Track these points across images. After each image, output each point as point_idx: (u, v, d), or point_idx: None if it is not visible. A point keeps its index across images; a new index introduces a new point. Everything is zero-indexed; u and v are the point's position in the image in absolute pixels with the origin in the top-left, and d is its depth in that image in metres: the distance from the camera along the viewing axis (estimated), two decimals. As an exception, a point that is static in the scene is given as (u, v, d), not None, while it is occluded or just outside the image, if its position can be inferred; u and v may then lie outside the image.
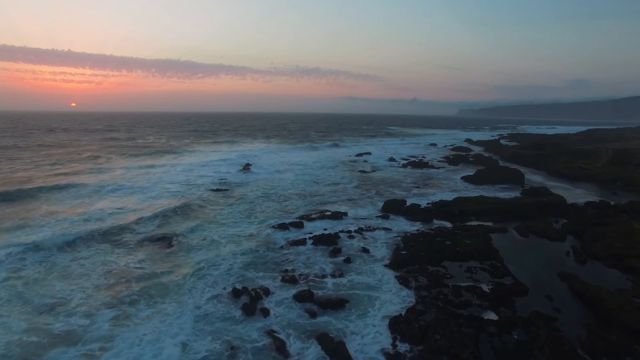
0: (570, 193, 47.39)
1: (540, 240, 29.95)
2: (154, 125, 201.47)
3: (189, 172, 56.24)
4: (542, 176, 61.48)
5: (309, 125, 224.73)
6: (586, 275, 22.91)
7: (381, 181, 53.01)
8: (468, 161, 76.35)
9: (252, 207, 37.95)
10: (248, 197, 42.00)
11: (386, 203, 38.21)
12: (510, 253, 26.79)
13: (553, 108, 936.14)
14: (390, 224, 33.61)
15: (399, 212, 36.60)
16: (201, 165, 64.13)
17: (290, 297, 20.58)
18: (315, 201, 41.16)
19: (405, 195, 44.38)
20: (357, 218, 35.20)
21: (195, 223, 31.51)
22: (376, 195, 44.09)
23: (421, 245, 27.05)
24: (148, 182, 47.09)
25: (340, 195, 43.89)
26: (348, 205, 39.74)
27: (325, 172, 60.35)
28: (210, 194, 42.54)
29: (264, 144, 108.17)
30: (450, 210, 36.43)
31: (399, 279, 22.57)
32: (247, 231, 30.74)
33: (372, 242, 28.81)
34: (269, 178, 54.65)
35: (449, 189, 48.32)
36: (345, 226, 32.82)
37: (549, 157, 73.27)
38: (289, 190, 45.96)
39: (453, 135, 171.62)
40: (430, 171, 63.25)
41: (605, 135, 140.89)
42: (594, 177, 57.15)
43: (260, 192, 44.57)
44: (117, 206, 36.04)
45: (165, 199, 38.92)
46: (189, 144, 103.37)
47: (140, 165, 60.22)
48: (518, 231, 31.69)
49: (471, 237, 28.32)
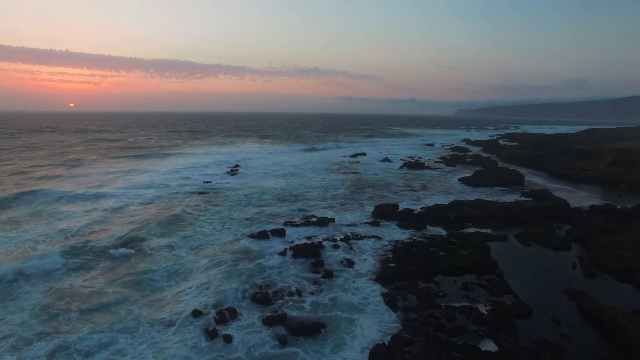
0: (572, 196, 44.83)
1: (543, 249, 27.35)
2: (148, 125, 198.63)
3: (172, 175, 53.51)
4: (542, 177, 58.94)
5: (306, 126, 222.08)
6: (596, 292, 20.32)
7: (374, 183, 50.37)
8: (466, 162, 73.78)
9: (233, 213, 35.30)
10: (230, 202, 39.34)
11: (377, 208, 35.57)
12: (511, 265, 24.19)
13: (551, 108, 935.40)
14: (380, 231, 30.97)
15: (390, 217, 33.96)
16: (187, 167, 61.45)
17: (259, 320, 17.98)
18: (302, 206, 38.53)
19: (398, 198, 41.76)
20: (345, 225, 32.54)
21: (166, 232, 28.79)
22: (367, 199, 41.47)
23: (412, 257, 24.41)
24: (125, 187, 43.94)
25: (329, 199, 41.25)
26: (336, 210, 37.11)
27: (317, 174, 57.74)
28: (190, 199, 39.83)
29: (257, 145, 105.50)
30: (445, 215, 33.82)
31: (385, 298, 19.94)
32: (222, 240, 28.09)
33: (359, 253, 26.16)
34: (256, 181, 52.01)
35: (444, 192, 45.72)
36: (331, 234, 30.20)
37: (549, 158, 70.76)
38: (275, 194, 43.33)
39: (451, 135, 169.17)
40: (426, 172, 60.65)
41: (606, 134, 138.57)
42: (596, 178, 54.62)
43: (244, 196, 41.91)
44: (79, 216, 32.32)
45: (137, 207, 35.91)
46: (179, 144, 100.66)
47: (120, 170, 56.48)
48: (519, 239, 29.10)
49: (467, 247, 25.70)
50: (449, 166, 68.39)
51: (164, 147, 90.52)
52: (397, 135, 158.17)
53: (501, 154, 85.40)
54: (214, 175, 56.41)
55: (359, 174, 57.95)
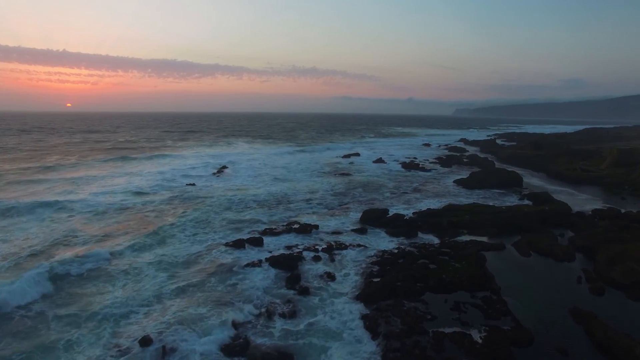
0: (573, 199, 42.44)
1: (545, 260, 24.91)
2: (142, 125, 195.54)
3: (154, 177, 50.78)
4: (541, 179, 56.56)
5: (302, 126, 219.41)
6: (606, 313, 17.88)
7: (364, 186, 47.87)
8: (462, 162, 71.38)
9: (211, 219, 32.74)
10: (210, 207, 36.76)
11: (365, 213, 33.06)
12: (509, 279, 21.74)
13: (549, 107, 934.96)
14: (367, 239, 28.47)
15: (378, 224, 31.47)
16: (172, 169, 58.75)
17: (217, 349, 15.49)
18: (286, 211, 36.07)
19: (388, 202, 39.29)
20: (329, 232, 30.04)
21: (131, 243, 26.10)
22: (356, 203, 38.98)
23: (399, 271, 21.90)
24: (98, 192, 40.56)
25: (315, 204, 38.75)
26: (322, 215, 34.63)
27: (306, 176, 55.26)
28: (167, 204, 37.27)
29: (249, 145, 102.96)
30: (438, 221, 31.34)
31: (366, 321, 17.44)
32: (193, 251, 25.54)
33: (341, 266, 23.66)
34: (242, 183, 49.49)
35: (438, 195, 43.25)
36: (313, 242, 27.73)
37: (548, 158, 68.43)
38: (259, 198, 40.79)
39: (449, 134, 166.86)
40: (421, 174, 58.20)
41: (605, 134, 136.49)
42: (598, 179, 52.25)
43: (226, 200, 39.38)
44: (27, 230, 28.04)
45: (103, 215, 32.51)
46: (169, 145, 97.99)
47: (98, 174, 51.98)
48: (518, 248, 26.66)
49: (461, 259, 23.22)
50: (444, 167, 65.96)
51: (152, 148, 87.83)
52: (394, 135, 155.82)
53: (499, 154, 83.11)
54: (199, 177, 53.87)
55: (351, 176, 55.48)
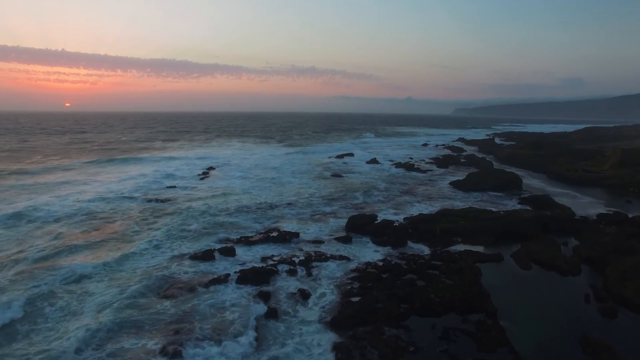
0: (576, 202, 39.83)
1: (547, 274, 22.26)
2: (136, 125, 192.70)
3: (134, 181, 47.32)
4: (541, 180, 53.94)
5: (299, 125, 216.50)
6: (623, 343, 15.27)
7: (355, 188, 45.18)
8: (459, 163, 68.73)
9: (184, 225, 30.02)
10: (187, 211, 33.99)
11: (350, 220, 30.35)
12: (507, 298, 19.10)
13: (548, 107, 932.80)
14: (350, 250, 25.81)
15: (365, 231, 28.80)
16: (156, 171, 55.93)
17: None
18: (268, 216, 33.37)
19: (378, 207, 36.62)
20: (310, 241, 27.34)
21: (82, 256, 23.39)
22: (343, 208, 36.28)
23: (382, 288, 19.24)
24: (67, 196, 37.72)
25: (300, 208, 36.06)
26: (305, 222, 31.92)
27: (296, 178, 52.52)
28: (140, 210, 34.40)
29: (242, 145, 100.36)
30: (430, 228, 28.68)
31: (338, 354, 14.78)
32: (152, 263, 22.82)
33: (318, 282, 20.98)
34: (227, 185, 46.73)
35: (432, 198, 40.58)
36: (291, 253, 25.09)
37: (549, 158, 65.81)
38: (241, 202, 38.09)
39: (447, 134, 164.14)
40: (415, 175, 55.52)
41: (606, 133, 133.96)
42: (601, 181, 49.70)
43: (205, 204, 36.63)
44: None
45: (62, 224, 29.30)
46: (159, 145, 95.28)
47: (72, 180, 46.96)
48: (517, 260, 24.01)
49: (454, 274, 20.56)
50: (440, 167, 63.30)
51: (140, 149, 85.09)
52: (391, 135, 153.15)
53: (497, 154, 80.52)
54: (182, 179, 51.13)
55: (342, 177, 52.81)
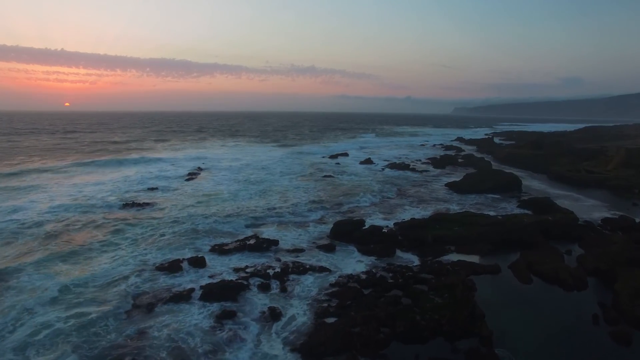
0: (579, 205, 37.56)
1: (549, 289, 19.95)
2: (131, 125, 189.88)
3: (113, 185, 44.14)
4: (542, 181, 51.63)
5: (296, 125, 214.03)
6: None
7: (345, 190, 42.84)
8: (456, 163, 66.38)
9: (156, 232, 27.73)
10: (163, 217, 31.68)
11: (336, 226, 27.99)
12: (504, 318, 16.80)
13: (548, 106, 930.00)
14: (333, 259, 23.51)
15: (350, 238, 26.47)
16: (141, 173, 53.40)
17: None
18: (249, 221, 31.03)
19: (368, 210, 34.32)
20: (290, 250, 25.05)
21: (34, 268, 21.02)
22: (330, 211, 33.97)
23: (361, 307, 16.93)
24: (38, 202, 35.24)
25: (284, 212, 33.68)
26: (287, 227, 29.60)
27: (286, 179, 50.15)
28: (111, 215, 31.85)
29: (235, 144, 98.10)
30: (421, 236, 26.35)
31: (303, 392, 12.50)
32: (112, 275, 20.50)
33: (291, 299, 18.68)
34: (212, 188, 44.30)
35: (426, 201, 38.26)
36: (267, 263, 22.85)
37: (549, 158, 63.50)
38: (224, 206, 35.71)
39: (446, 133, 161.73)
40: (410, 176, 53.18)
41: (607, 132, 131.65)
42: (604, 182, 47.40)
43: (184, 209, 34.34)
44: None
45: (27, 230, 27.18)
46: (148, 146, 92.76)
47: (48, 183, 43.62)
48: (516, 271, 21.70)
49: (444, 290, 18.23)
50: (437, 168, 60.98)
51: (128, 150, 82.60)
52: (389, 134, 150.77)
53: (496, 154, 78.16)
54: (168, 180, 48.77)
55: (333, 178, 50.47)
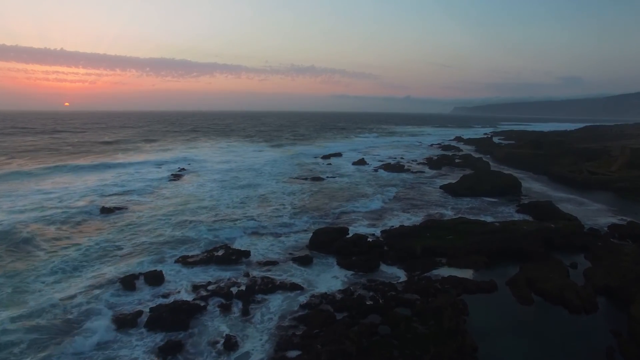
0: (583, 209, 34.92)
1: (553, 311, 17.29)
2: (124, 124, 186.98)
3: (87, 186, 41.39)
4: (543, 183, 48.98)
5: (293, 124, 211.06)
6: None
7: (332, 193, 40.19)
8: (453, 163, 63.67)
9: (118, 244, 25.02)
10: (131, 225, 28.96)
11: (316, 235, 25.29)
12: (499, 347, 14.16)
13: (547, 105, 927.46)
14: (308, 274, 20.85)
15: (331, 249, 23.77)
16: (122, 174, 50.86)
17: None
18: (223, 228, 28.30)
19: (353, 216, 31.63)
20: (262, 262, 22.39)
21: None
22: (313, 217, 31.25)
23: (330, 340, 14.26)
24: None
25: (263, 219, 30.92)
26: (263, 236, 26.94)
27: (273, 181, 47.44)
28: (73, 225, 28.76)
29: (227, 145, 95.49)
30: (410, 246, 23.67)
31: None
32: (51, 299, 17.76)
33: (252, 325, 16.01)
34: (193, 191, 41.54)
35: (418, 206, 35.57)
36: (234, 278, 20.28)
37: (550, 158, 60.92)
38: (200, 212, 32.94)
39: (444, 133, 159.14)
40: (404, 177, 50.47)
41: (608, 131, 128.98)
42: (609, 184, 44.79)
43: (157, 214, 31.66)
44: None
45: None
46: (138, 145, 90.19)
47: (15, 189, 39.56)
48: (514, 289, 19.03)
49: (430, 316, 15.56)
50: (432, 169, 58.33)
51: (116, 150, 79.67)
52: (386, 134, 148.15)
53: (495, 154, 75.53)
54: (149, 181, 46.09)
55: (322, 181, 47.77)
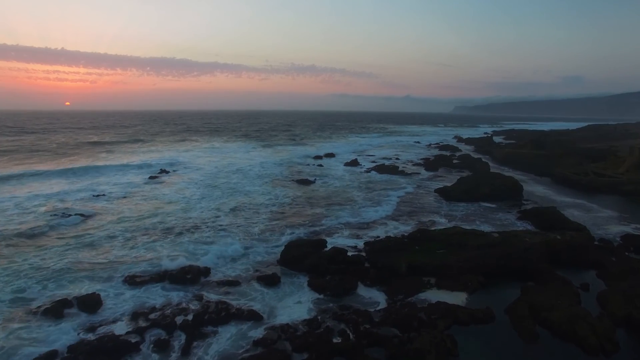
0: (592, 217, 31.72)
1: (564, 349, 14.12)
2: (115, 124, 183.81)
3: (53, 192, 38.18)
4: (546, 186, 45.75)
5: (291, 124, 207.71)
6: None
7: (317, 198, 36.97)
8: (451, 164, 60.45)
9: (62, 257, 21.89)
10: (86, 233, 25.89)
11: (288, 248, 22.10)
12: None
13: (548, 105, 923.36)
14: (271, 298, 17.69)
15: (303, 266, 20.59)
16: (97, 175, 47.81)
17: None
18: (190, 239, 25.18)
19: (335, 225, 28.39)
20: (222, 281, 19.24)
21: None
22: (291, 228, 28.02)
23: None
24: None
25: (234, 228, 27.72)
26: (227, 249, 23.66)
27: (256, 184, 44.16)
28: (33, 231, 25.76)
29: (219, 144, 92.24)
30: (394, 264, 20.47)
31: None
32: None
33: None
34: (168, 195, 38.39)
35: (409, 212, 32.34)
36: (185, 302, 17.21)
37: (553, 159, 57.67)
38: (170, 218, 29.81)
39: (443, 132, 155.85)
40: (397, 180, 47.21)
41: (612, 130, 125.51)
42: (618, 187, 41.59)
43: (120, 222, 28.55)
44: None
45: None
46: (125, 144, 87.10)
47: None
48: (515, 320, 15.85)
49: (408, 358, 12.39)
50: (428, 170, 55.11)
51: (101, 151, 76.44)
52: (384, 133, 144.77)
53: (495, 154, 72.26)
54: (126, 184, 42.92)
55: (310, 184, 44.52)
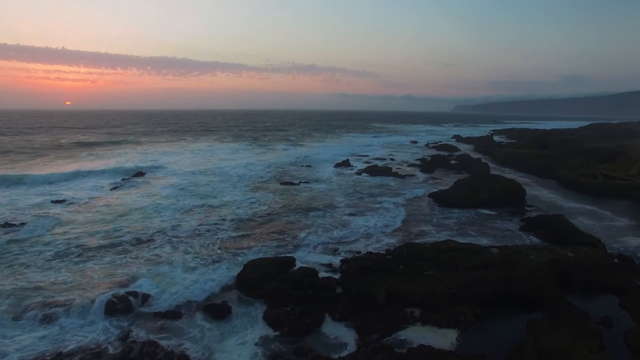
0: (606, 226, 28.12)
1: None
2: (107, 124, 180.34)
3: (8, 196, 35.32)
4: (550, 189, 42.14)
5: (289, 123, 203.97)
6: None
7: (297, 204, 33.32)
8: (448, 166, 56.80)
9: None
10: (25, 247, 22.50)
11: (246, 269, 18.50)
12: None
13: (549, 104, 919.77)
14: (213, 337, 14.07)
15: (262, 291, 16.98)
16: (67, 177, 44.38)
17: None
18: (130, 263, 21.56)
19: (309, 238, 24.74)
20: (160, 314, 15.67)
21: None
22: (258, 240, 24.38)
23: None
24: None
25: (195, 243, 24.09)
26: (184, 268, 20.18)
27: (237, 188, 40.47)
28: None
29: (205, 145, 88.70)
30: (370, 290, 16.88)
31: None
32: None
33: None
34: (136, 200, 34.83)
35: (398, 222, 28.79)
36: (103, 341, 13.75)
37: (557, 159, 54.10)
38: (122, 230, 26.14)
39: (443, 132, 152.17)
40: (389, 183, 43.61)
41: (615, 129, 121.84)
42: (630, 191, 37.95)
43: (67, 234, 25.08)
44: None
45: None
46: (107, 145, 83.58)
47: None
48: (519, 371, 12.31)
49: None
50: (424, 172, 51.50)
51: (81, 152, 72.91)
52: (382, 132, 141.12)
53: (495, 155, 68.62)
54: (90, 189, 39.39)
55: (294, 187, 40.99)
